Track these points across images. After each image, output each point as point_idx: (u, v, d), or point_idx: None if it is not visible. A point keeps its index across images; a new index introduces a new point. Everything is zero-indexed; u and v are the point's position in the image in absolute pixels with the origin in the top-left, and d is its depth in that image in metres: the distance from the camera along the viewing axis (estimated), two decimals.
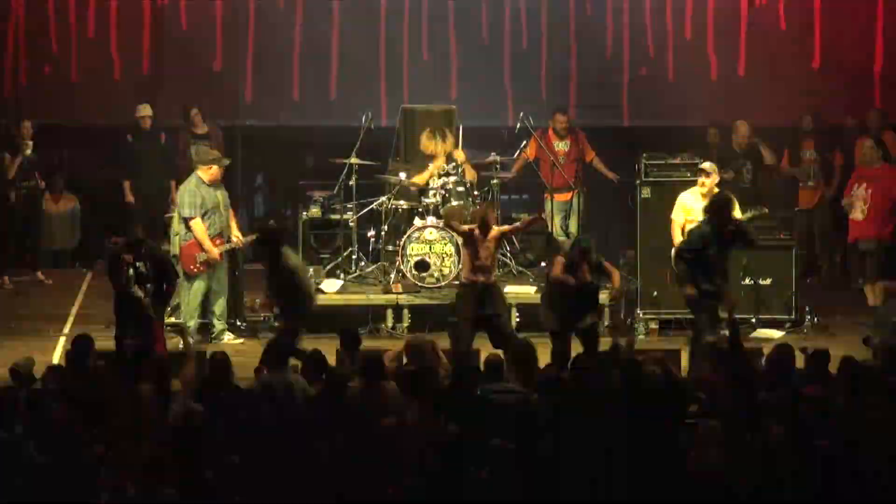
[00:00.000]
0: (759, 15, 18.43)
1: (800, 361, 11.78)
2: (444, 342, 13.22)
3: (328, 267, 16.36)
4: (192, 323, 15.08)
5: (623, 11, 18.61)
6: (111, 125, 18.36)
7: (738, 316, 15.48)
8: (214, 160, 15.23)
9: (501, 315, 13.71)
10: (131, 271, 13.22)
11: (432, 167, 16.04)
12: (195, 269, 15.12)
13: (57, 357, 14.43)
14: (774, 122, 18.43)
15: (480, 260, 13.53)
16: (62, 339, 15.26)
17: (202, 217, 15.03)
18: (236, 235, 15.31)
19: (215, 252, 15.07)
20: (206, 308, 15.24)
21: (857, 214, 16.34)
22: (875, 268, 16.31)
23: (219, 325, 15.30)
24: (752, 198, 16.65)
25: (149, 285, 13.28)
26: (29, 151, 17.22)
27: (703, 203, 14.41)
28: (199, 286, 15.13)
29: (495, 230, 13.68)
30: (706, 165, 14.92)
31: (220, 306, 15.29)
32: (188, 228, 15.03)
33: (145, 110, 17.71)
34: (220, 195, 15.20)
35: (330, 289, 15.82)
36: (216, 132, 18.18)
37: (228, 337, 15.23)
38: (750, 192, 16.92)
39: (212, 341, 15.11)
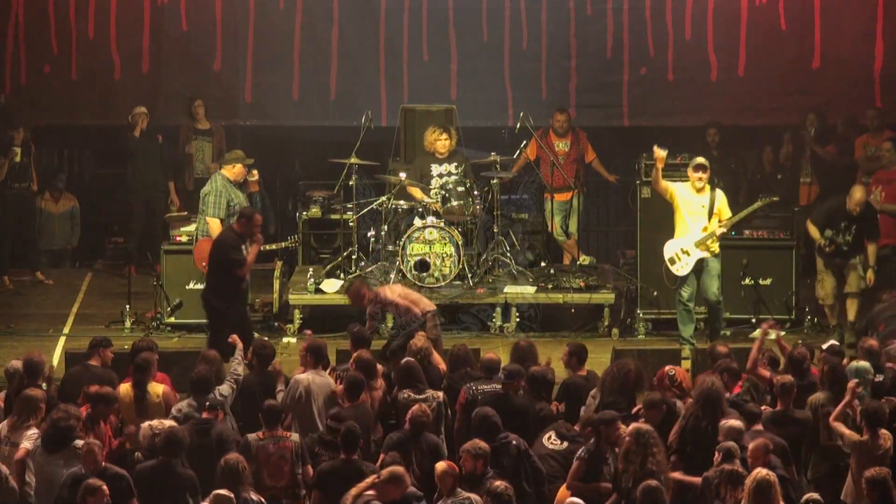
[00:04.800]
0: (759, 15, 18.41)
1: None
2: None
3: (328, 267, 16.34)
4: None
5: (623, 11, 18.59)
6: (111, 125, 18.37)
7: (737, 316, 15.67)
8: (237, 158, 15.23)
9: None
10: None
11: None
12: (204, 267, 15.10)
13: (57, 357, 14.44)
14: (774, 122, 18.44)
15: None
16: (62, 339, 15.27)
17: (229, 217, 14.96)
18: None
19: None
20: None
21: None
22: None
23: None
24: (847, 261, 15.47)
25: None
26: (17, 158, 17.19)
27: (699, 197, 14.76)
28: None
29: None
30: (702, 160, 14.97)
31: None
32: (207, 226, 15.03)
33: (140, 110, 17.67)
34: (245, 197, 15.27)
35: (330, 289, 15.81)
36: (219, 128, 18.19)
37: None
38: (849, 256, 15.35)
39: None
